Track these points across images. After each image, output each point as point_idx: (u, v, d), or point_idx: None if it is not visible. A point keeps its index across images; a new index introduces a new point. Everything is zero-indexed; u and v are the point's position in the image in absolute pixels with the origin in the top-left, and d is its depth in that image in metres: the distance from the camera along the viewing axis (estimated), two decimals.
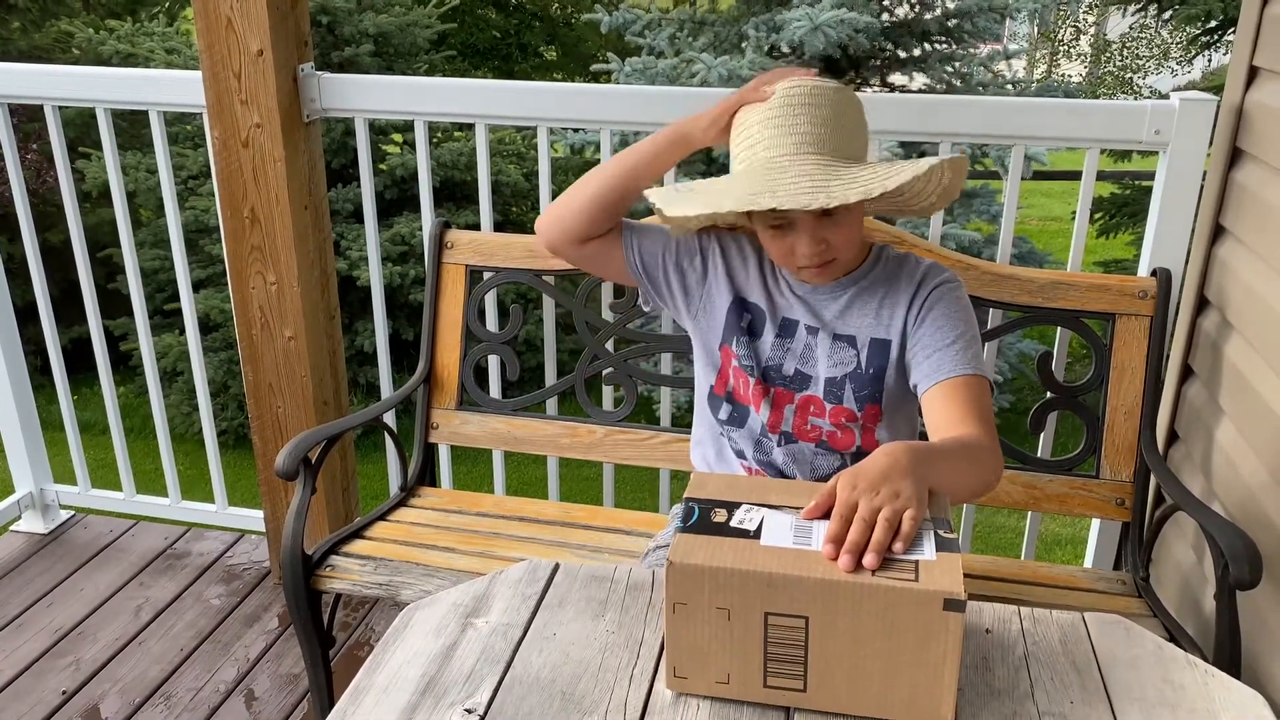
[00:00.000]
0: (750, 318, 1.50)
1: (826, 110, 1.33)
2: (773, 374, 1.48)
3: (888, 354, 1.44)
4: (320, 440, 1.80)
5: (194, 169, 5.51)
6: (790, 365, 1.48)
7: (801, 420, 1.48)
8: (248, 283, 2.23)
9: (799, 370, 1.47)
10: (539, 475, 2.60)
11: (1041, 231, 9.02)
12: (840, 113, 1.34)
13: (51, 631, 2.32)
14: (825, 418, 1.47)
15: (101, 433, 3.03)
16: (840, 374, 1.46)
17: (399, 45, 5.85)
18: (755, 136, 1.35)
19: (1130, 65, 13.82)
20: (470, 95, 2.17)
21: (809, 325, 1.47)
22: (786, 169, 1.30)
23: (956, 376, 1.35)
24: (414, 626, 1.16)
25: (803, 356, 1.47)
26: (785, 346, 1.48)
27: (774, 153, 1.32)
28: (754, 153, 1.35)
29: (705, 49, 5.70)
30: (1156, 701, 1.04)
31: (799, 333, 1.47)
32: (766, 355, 1.48)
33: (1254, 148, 1.76)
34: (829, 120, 1.33)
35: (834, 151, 1.32)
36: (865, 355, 1.44)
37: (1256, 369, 1.65)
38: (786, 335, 1.48)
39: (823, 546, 1.01)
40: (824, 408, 1.47)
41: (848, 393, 1.46)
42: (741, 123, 1.38)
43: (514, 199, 5.98)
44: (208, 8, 2.02)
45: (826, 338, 1.46)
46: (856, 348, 1.45)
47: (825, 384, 1.46)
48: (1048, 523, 4.59)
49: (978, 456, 1.27)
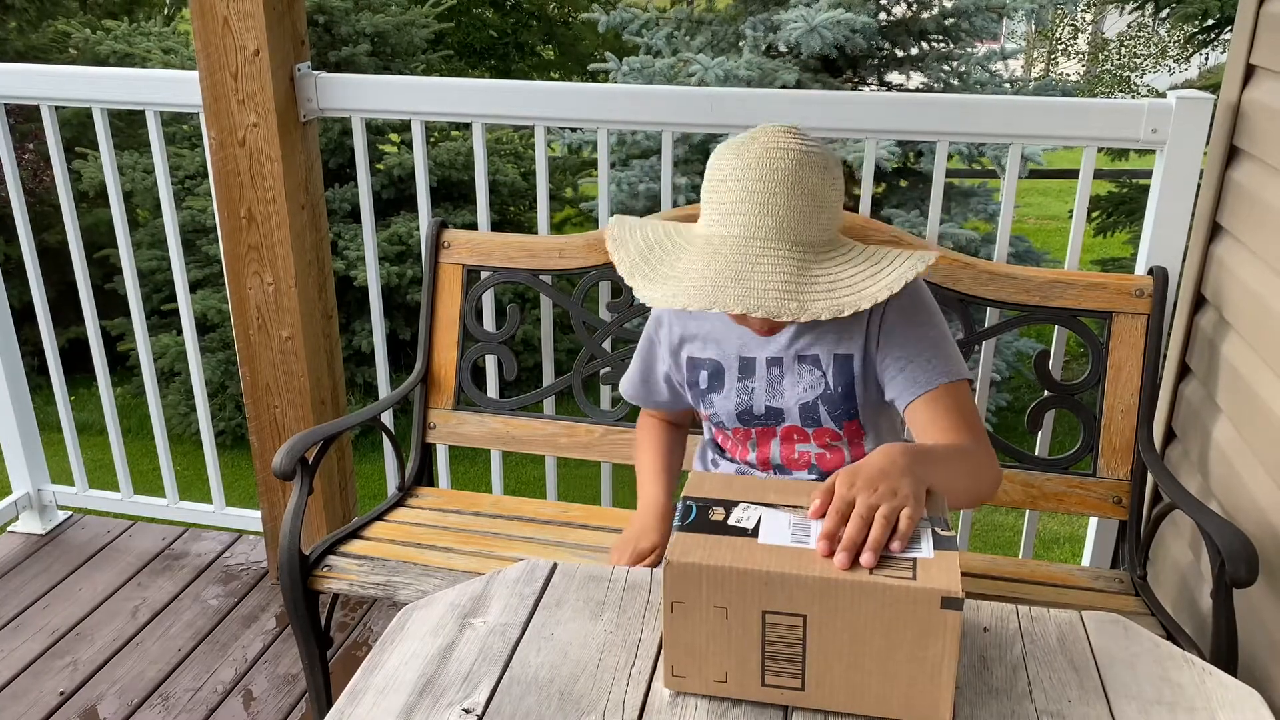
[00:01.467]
0: (705, 373, 1.48)
1: (805, 194, 1.27)
2: (746, 417, 1.47)
3: (851, 368, 1.40)
4: (318, 440, 1.80)
5: (191, 169, 5.51)
6: (760, 404, 1.45)
7: (789, 451, 1.47)
8: (245, 283, 2.22)
9: (769, 407, 1.44)
10: (537, 475, 2.61)
11: (1039, 230, 9.03)
12: (818, 196, 1.28)
13: (49, 632, 2.32)
14: (810, 442, 1.46)
15: (99, 433, 3.02)
16: (812, 397, 1.42)
17: (396, 45, 5.85)
18: (728, 206, 1.29)
19: (1128, 64, 13.84)
20: (467, 95, 2.17)
21: (770, 357, 1.44)
22: (757, 261, 1.25)
23: (935, 388, 1.33)
24: (412, 626, 1.16)
25: (769, 391, 1.44)
26: (749, 388, 1.44)
27: (747, 233, 1.26)
28: (728, 224, 1.28)
29: (702, 48, 5.71)
30: (1154, 700, 1.04)
31: (758, 369, 1.44)
32: (735, 402, 1.46)
33: (1251, 146, 1.76)
34: (807, 206, 1.27)
35: (808, 244, 1.27)
36: (831, 374, 1.41)
37: (1254, 367, 1.66)
38: (747, 375, 1.45)
39: (816, 543, 1.00)
40: (806, 434, 1.45)
41: (823, 414, 1.43)
42: (719, 176, 1.31)
43: (511, 198, 5.98)
44: (204, 7, 2.02)
45: (791, 362, 1.43)
46: (821, 367, 1.41)
47: (800, 410, 1.43)
48: (1045, 521, 4.60)
49: (975, 462, 1.26)
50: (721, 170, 1.31)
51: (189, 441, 4.97)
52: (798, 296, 1.23)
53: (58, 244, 4.64)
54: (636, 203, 5.39)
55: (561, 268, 2.05)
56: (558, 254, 2.04)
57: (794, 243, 1.26)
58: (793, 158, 1.27)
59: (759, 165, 1.27)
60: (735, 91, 2.09)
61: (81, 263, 2.47)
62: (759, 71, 5.19)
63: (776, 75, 5.20)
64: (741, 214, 1.27)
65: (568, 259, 2.04)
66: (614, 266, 1.99)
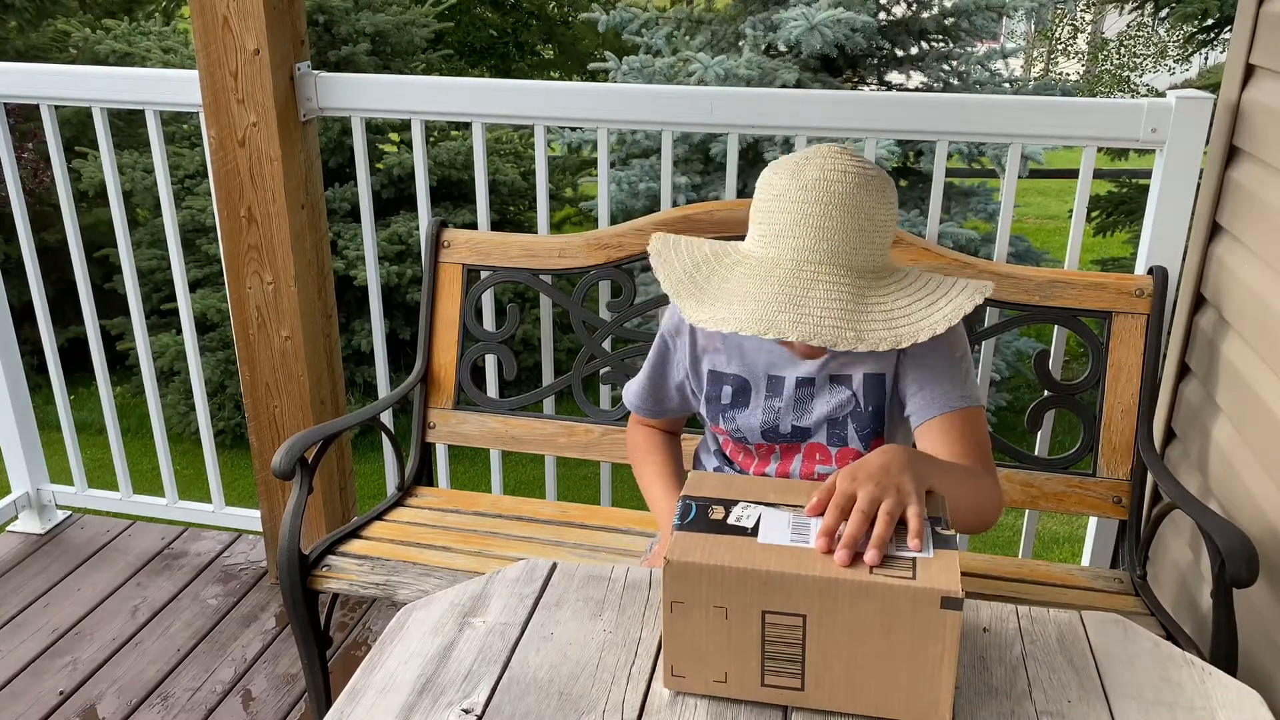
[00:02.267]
0: (729, 389, 1.44)
1: (862, 219, 1.23)
2: (770, 435, 1.44)
3: (884, 387, 1.39)
4: (317, 440, 1.80)
5: (191, 168, 5.51)
6: (786, 423, 1.42)
7: (808, 470, 1.44)
8: (244, 282, 2.22)
9: (795, 426, 1.42)
10: (536, 475, 2.61)
11: (1039, 230, 9.03)
12: (875, 221, 1.24)
13: (49, 632, 2.32)
14: (832, 463, 1.42)
15: (98, 433, 3.02)
16: (841, 414, 1.40)
17: (396, 44, 5.85)
18: (781, 228, 1.24)
19: (1127, 63, 13.85)
20: (467, 94, 2.17)
21: (802, 377, 1.41)
22: (811, 286, 1.21)
23: (951, 411, 1.32)
24: (411, 626, 1.16)
25: (796, 410, 1.41)
26: (775, 408, 1.42)
27: (801, 256, 1.22)
28: (780, 246, 1.24)
29: (702, 48, 5.71)
30: (1154, 700, 1.04)
31: (786, 388, 1.41)
32: (760, 420, 1.43)
33: (1251, 146, 1.76)
34: (864, 231, 1.23)
35: (863, 270, 1.23)
36: (862, 393, 1.39)
37: (1254, 367, 1.66)
38: (775, 394, 1.42)
39: (815, 540, 1.00)
40: (829, 454, 1.42)
41: (850, 433, 1.41)
42: (772, 195, 1.26)
43: (511, 198, 5.98)
44: (204, 6, 2.02)
45: (824, 382, 1.41)
46: (852, 387, 1.39)
47: (827, 427, 1.41)
48: (1045, 521, 4.60)
49: (979, 484, 1.24)
50: (775, 190, 1.26)
51: (188, 441, 4.96)
52: (855, 326, 1.19)
53: (57, 243, 4.64)
54: (636, 202, 5.39)
55: (561, 267, 2.05)
56: (557, 254, 2.04)
57: (849, 269, 1.22)
58: (850, 180, 1.23)
59: (816, 188, 1.22)
60: (735, 91, 2.09)
61: (81, 262, 2.47)
62: (759, 71, 5.19)
63: (776, 74, 5.21)
64: (795, 236, 1.23)
65: (567, 259, 2.04)
66: (615, 266, 2.01)
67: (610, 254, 2.02)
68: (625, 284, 2.06)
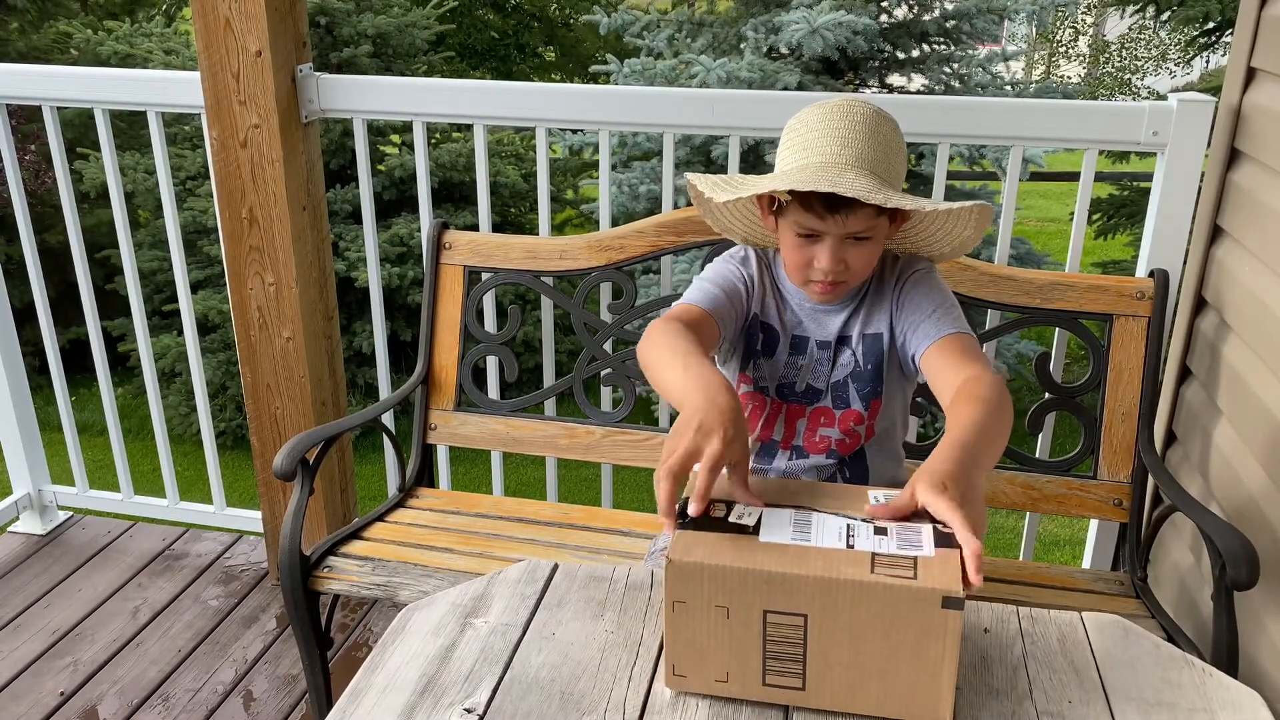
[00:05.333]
0: (764, 338, 1.50)
1: (882, 140, 1.35)
2: (785, 391, 1.50)
3: (880, 346, 1.46)
4: (318, 441, 1.80)
5: (192, 170, 5.52)
6: (801, 382, 1.49)
7: (811, 433, 1.49)
8: (246, 283, 2.23)
9: (810, 385, 1.49)
10: (537, 476, 2.61)
11: (1040, 232, 9.03)
12: (892, 145, 1.36)
13: (49, 632, 2.32)
14: (835, 426, 1.48)
15: (99, 434, 3.03)
16: (842, 376, 1.47)
17: (397, 46, 5.86)
18: (810, 141, 1.35)
19: (1129, 66, 13.85)
20: (468, 96, 2.17)
21: (820, 341, 1.48)
22: (844, 172, 1.31)
23: (946, 335, 1.39)
24: (412, 627, 1.16)
25: (813, 372, 1.48)
26: (798, 364, 1.49)
27: (830, 159, 1.33)
28: (808, 155, 1.35)
29: (704, 50, 5.71)
30: (1154, 701, 1.05)
31: (809, 349, 1.49)
32: (780, 373, 1.49)
33: (1252, 149, 1.76)
34: (884, 149, 1.34)
35: (884, 176, 1.34)
36: (861, 352, 1.46)
37: (1254, 370, 1.66)
38: (798, 353, 1.49)
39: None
40: (833, 416, 1.48)
41: (852, 394, 1.47)
42: (798, 128, 1.38)
43: (512, 200, 5.99)
44: (206, 8, 2.02)
45: (835, 346, 1.48)
46: (851, 346, 1.47)
47: (832, 390, 1.48)
48: (1046, 523, 4.60)
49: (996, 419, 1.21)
50: (801, 119, 1.38)
51: (189, 442, 4.97)
52: (883, 191, 1.28)
53: (59, 244, 4.65)
54: (637, 204, 5.39)
55: (562, 269, 2.05)
56: (559, 255, 2.04)
57: (873, 174, 1.32)
58: (870, 109, 1.36)
59: (839, 110, 1.35)
60: (737, 93, 2.10)
61: (83, 263, 2.48)
62: (760, 73, 5.19)
63: (778, 77, 5.21)
64: (823, 145, 1.33)
65: (569, 260, 2.04)
66: (616, 268, 2.01)
67: (611, 256, 2.02)
68: (626, 286, 2.06)
